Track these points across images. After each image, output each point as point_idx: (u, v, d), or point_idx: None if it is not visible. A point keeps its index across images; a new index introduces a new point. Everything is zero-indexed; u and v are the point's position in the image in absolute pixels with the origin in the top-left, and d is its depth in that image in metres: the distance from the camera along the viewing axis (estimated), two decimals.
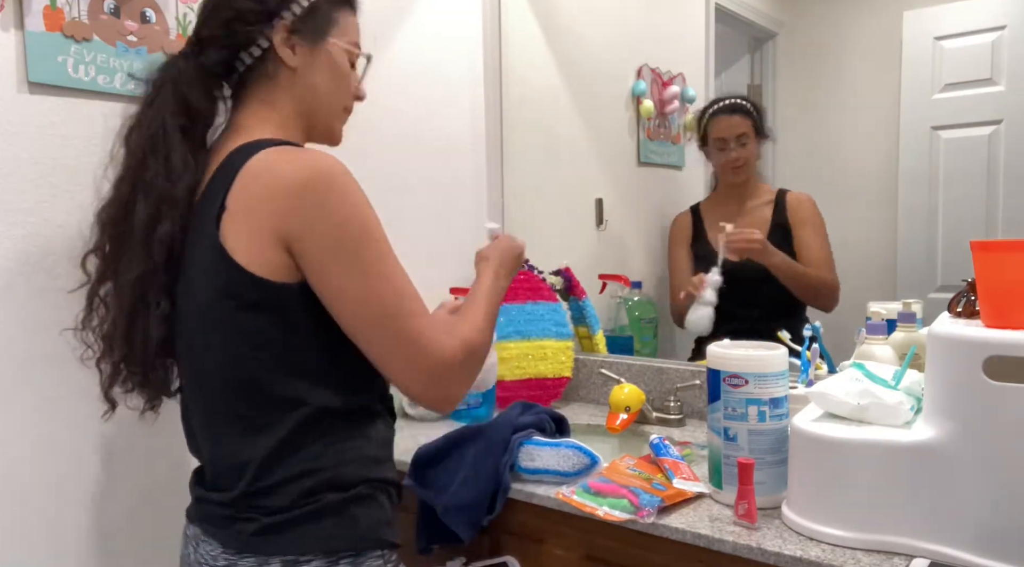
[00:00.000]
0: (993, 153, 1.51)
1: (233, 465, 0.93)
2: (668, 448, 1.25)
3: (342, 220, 0.88)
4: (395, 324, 0.90)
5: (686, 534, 1.04)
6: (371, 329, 0.90)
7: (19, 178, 1.17)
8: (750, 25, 1.90)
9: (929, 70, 1.58)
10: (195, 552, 0.98)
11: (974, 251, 0.90)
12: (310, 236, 0.87)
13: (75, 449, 1.25)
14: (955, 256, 1.54)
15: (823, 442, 0.97)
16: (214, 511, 0.95)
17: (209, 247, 0.89)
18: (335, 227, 0.87)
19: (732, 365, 1.09)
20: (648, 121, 2.06)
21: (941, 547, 0.89)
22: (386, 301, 0.90)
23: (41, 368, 1.20)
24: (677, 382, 1.63)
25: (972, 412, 0.87)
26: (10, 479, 1.17)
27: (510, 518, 1.24)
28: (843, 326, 1.56)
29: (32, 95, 1.17)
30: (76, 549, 1.25)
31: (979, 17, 1.53)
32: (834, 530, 0.96)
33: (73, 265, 1.22)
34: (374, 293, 0.89)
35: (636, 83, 2.04)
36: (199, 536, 0.97)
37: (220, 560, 0.93)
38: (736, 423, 1.08)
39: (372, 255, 0.90)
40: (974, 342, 0.86)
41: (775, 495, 1.08)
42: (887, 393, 0.99)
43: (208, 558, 0.94)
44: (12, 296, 1.17)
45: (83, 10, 1.21)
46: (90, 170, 1.24)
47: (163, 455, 1.34)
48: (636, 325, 1.91)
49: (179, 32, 1.33)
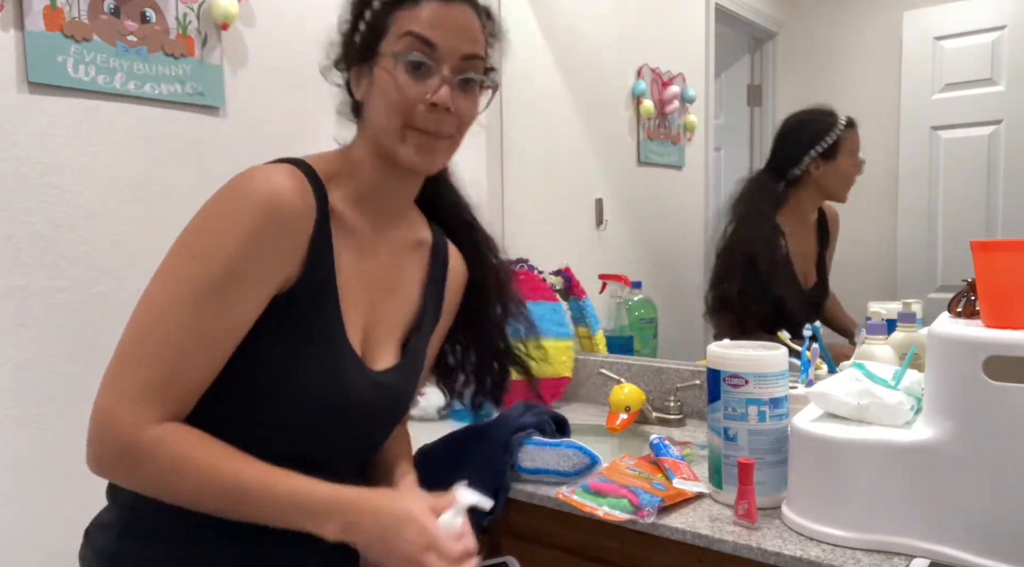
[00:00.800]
0: (993, 153, 1.51)
1: None
2: (668, 448, 1.25)
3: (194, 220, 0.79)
4: (119, 347, 0.77)
5: (686, 534, 1.04)
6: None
7: (19, 178, 1.17)
8: (750, 25, 1.90)
9: (929, 70, 1.58)
10: None
11: (974, 251, 0.90)
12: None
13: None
14: (955, 256, 1.54)
15: (823, 442, 0.97)
16: None
17: None
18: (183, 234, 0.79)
19: (732, 365, 1.09)
20: (648, 121, 2.06)
21: (941, 547, 0.89)
22: (136, 315, 0.78)
23: (40, 368, 1.20)
24: (677, 382, 1.63)
25: (972, 412, 0.87)
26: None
27: (510, 518, 1.24)
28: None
29: (32, 95, 1.17)
30: None
31: (979, 17, 1.53)
32: (834, 530, 0.96)
33: (73, 265, 1.23)
34: (140, 307, 0.78)
35: (636, 83, 2.04)
36: None
37: None
38: (736, 423, 1.08)
39: (172, 261, 0.77)
40: (974, 342, 0.86)
41: (775, 495, 1.08)
42: (887, 393, 0.99)
43: None
44: (12, 296, 1.17)
45: (83, 10, 1.21)
46: (90, 170, 1.25)
47: None
48: (636, 325, 1.90)
49: (179, 32, 1.33)
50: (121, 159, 1.28)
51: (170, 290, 0.76)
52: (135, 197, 1.30)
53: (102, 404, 0.74)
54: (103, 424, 0.74)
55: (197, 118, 1.37)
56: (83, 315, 1.24)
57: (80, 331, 1.24)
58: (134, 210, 1.29)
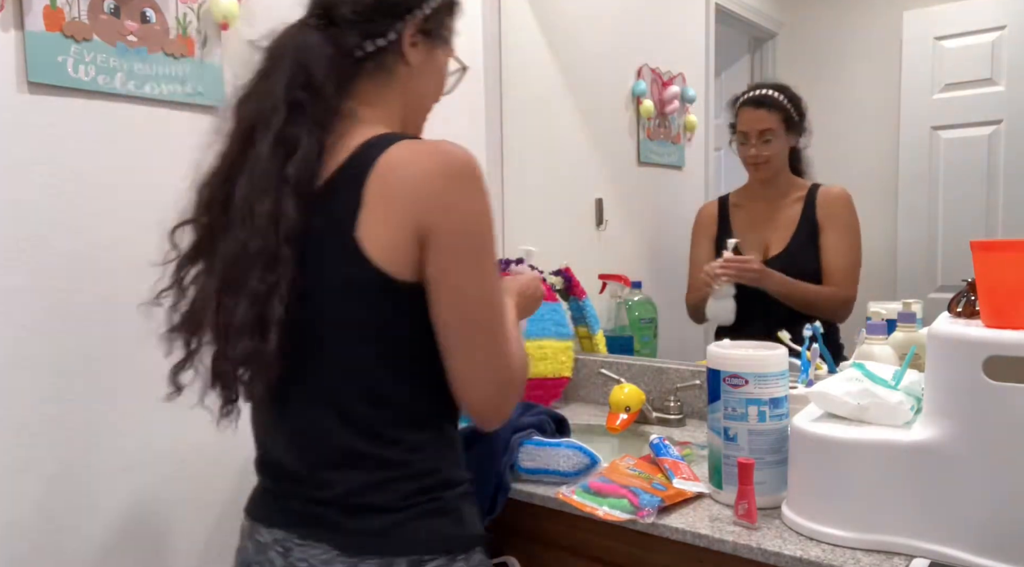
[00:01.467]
0: (993, 153, 1.51)
1: (341, 462, 0.89)
2: (668, 448, 1.25)
3: (475, 214, 0.86)
4: (492, 336, 0.88)
5: (686, 534, 1.04)
6: (471, 334, 0.87)
7: (19, 178, 1.17)
8: (750, 25, 1.90)
9: (929, 70, 1.58)
10: (283, 558, 0.90)
11: (974, 251, 0.90)
12: (444, 223, 0.84)
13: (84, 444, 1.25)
14: (955, 256, 1.54)
15: (823, 442, 0.97)
16: (314, 511, 0.89)
17: (340, 241, 0.85)
18: (467, 220, 0.86)
19: (732, 365, 1.09)
20: (648, 121, 2.06)
21: (941, 547, 0.89)
22: (494, 310, 0.89)
23: (40, 368, 1.20)
24: (677, 382, 1.63)
25: (972, 412, 0.87)
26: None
27: (510, 518, 1.24)
28: (843, 326, 1.57)
29: (32, 95, 1.17)
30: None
31: (979, 17, 1.53)
32: (834, 530, 0.96)
33: (73, 264, 1.23)
34: (486, 299, 0.87)
35: (636, 83, 2.04)
36: (288, 540, 0.90)
37: (336, 563, 0.87)
38: (736, 423, 1.08)
39: (491, 260, 0.88)
40: (974, 342, 0.86)
41: (775, 495, 1.08)
42: (887, 393, 0.99)
43: (316, 562, 0.88)
44: (12, 296, 1.17)
45: (83, 10, 1.21)
46: (90, 170, 1.24)
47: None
48: (636, 325, 1.90)
49: (179, 32, 1.33)
50: (121, 159, 1.28)
51: (498, 274, 0.91)
52: (135, 197, 1.30)
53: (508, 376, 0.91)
54: (517, 389, 0.94)
55: (197, 118, 1.37)
56: (83, 315, 1.24)
57: (80, 331, 1.24)
58: (134, 210, 1.29)
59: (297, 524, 0.90)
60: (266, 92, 0.89)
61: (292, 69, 0.89)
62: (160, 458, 1.34)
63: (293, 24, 0.95)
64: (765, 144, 1.66)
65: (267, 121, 0.87)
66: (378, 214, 0.84)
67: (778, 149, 1.67)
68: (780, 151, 1.67)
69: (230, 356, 0.88)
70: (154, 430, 1.33)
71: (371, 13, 0.93)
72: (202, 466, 1.40)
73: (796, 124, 1.66)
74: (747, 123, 1.68)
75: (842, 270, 1.59)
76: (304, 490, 0.91)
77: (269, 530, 0.92)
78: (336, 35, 0.92)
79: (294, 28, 0.94)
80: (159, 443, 1.34)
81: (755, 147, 1.67)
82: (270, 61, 0.92)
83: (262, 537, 0.93)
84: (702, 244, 1.81)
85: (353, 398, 0.88)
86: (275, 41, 0.94)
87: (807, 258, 1.62)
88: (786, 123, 1.65)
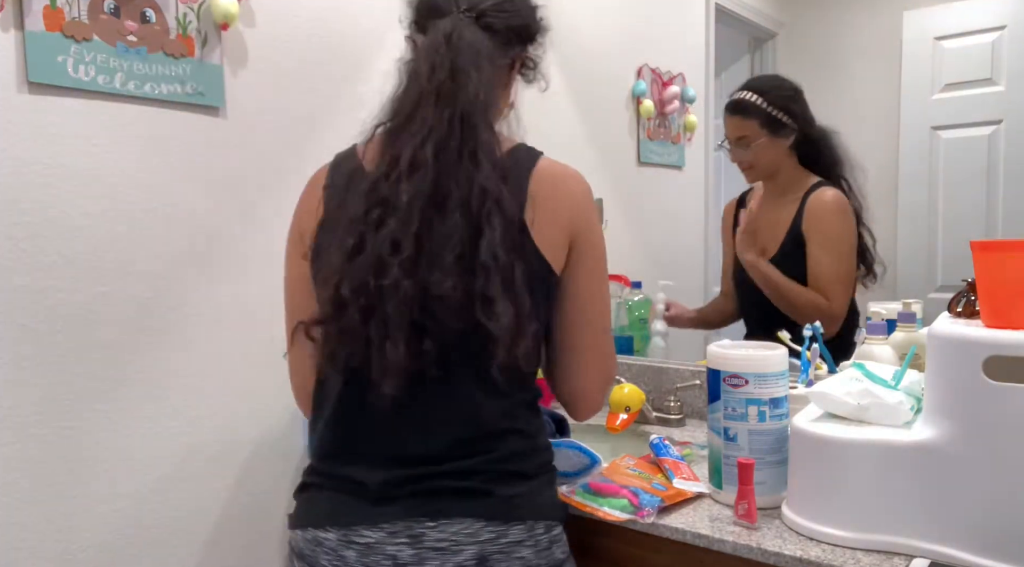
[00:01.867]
0: (993, 153, 1.51)
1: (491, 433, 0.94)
2: (668, 448, 1.25)
3: (599, 230, 1.02)
4: (605, 336, 1.04)
5: (686, 534, 1.04)
6: (591, 334, 1.01)
7: (19, 178, 1.17)
8: (750, 25, 1.90)
9: (929, 70, 1.58)
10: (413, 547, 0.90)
11: (974, 251, 0.90)
12: (588, 236, 0.99)
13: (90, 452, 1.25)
14: (955, 256, 1.54)
15: (823, 442, 0.97)
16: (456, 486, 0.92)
17: (511, 230, 0.91)
18: (598, 233, 1.02)
19: (732, 365, 1.09)
20: (648, 121, 2.06)
21: (941, 547, 0.89)
22: (608, 315, 1.04)
23: (40, 368, 1.20)
24: (677, 382, 1.63)
25: (972, 412, 0.87)
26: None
27: None
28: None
29: (32, 95, 1.17)
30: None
31: (979, 17, 1.53)
32: (834, 530, 0.96)
33: (73, 264, 1.23)
34: (605, 303, 1.03)
35: (636, 83, 2.04)
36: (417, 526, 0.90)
37: (483, 533, 0.90)
38: (736, 423, 1.08)
39: (604, 268, 1.04)
40: (974, 342, 0.86)
41: (775, 495, 1.08)
42: (887, 393, 0.99)
43: (460, 537, 0.90)
44: (12, 296, 1.17)
45: (83, 10, 1.21)
46: (90, 170, 1.24)
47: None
48: (636, 325, 1.91)
49: (179, 32, 1.33)
50: (121, 159, 1.28)
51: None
52: (135, 197, 1.30)
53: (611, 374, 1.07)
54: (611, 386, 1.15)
55: (197, 118, 1.37)
56: (83, 315, 1.24)
57: (80, 331, 1.24)
58: (134, 210, 1.29)
59: (426, 508, 0.91)
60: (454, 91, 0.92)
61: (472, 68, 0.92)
62: (160, 458, 1.34)
63: (454, 16, 0.96)
64: (744, 150, 1.61)
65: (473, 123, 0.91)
66: (540, 213, 0.94)
67: (760, 154, 1.59)
68: (763, 155, 1.60)
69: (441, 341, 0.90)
70: (154, 430, 1.33)
71: (513, 33, 1.00)
72: (202, 466, 1.40)
73: (781, 125, 1.57)
74: (726, 129, 1.65)
75: (824, 282, 1.51)
76: (442, 469, 0.92)
77: (376, 528, 0.91)
78: (493, 40, 0.97)
79: (460, 23, 0.95)
80: (159, 443, 1.34)
81: (733, 153, 1.64)
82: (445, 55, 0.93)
83: (367, 538, 0.91)
84: (727, 242, 1.78)
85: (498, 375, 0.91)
86: (438, 34, 0.94)
87: (792, 265, 1.55)
88: (768, 127, 1.57)
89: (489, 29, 0.97)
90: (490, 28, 0.97)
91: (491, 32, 0.97)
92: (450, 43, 0.93)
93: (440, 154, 0.90)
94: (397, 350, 0.87)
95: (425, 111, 0.91)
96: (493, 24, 0.97)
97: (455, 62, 0.92)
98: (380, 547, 0.91)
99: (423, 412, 0.94)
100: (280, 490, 1.52)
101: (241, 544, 1.47)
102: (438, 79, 0.91)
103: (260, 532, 1.50)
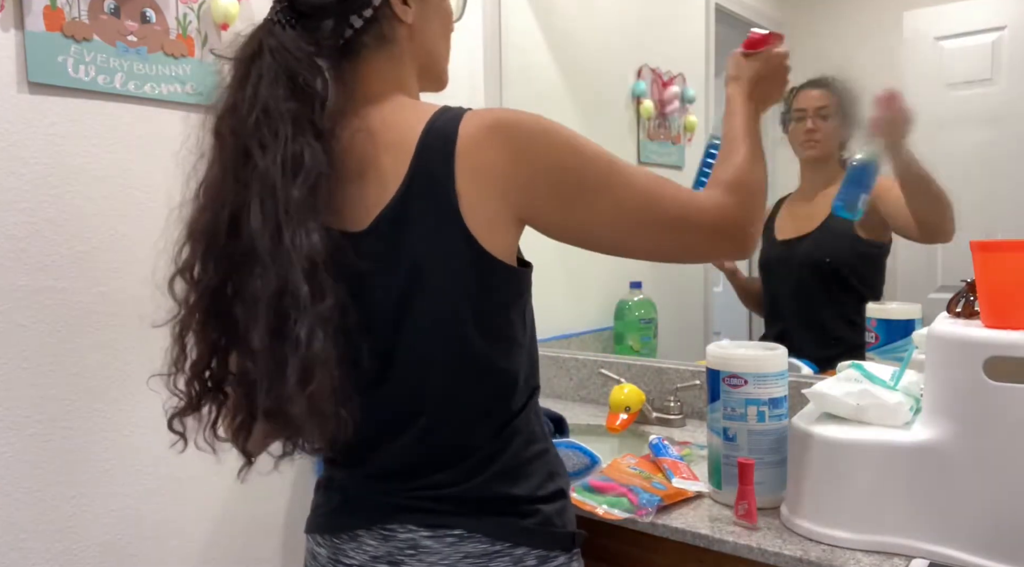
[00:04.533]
0: (993, 153, 1.51)
1: (461, 451, 0.86)
2: (668, 448, 1.25)
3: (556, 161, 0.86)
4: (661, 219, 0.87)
5: (686, 534, 1.04)
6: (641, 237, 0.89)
7: (19, 178, 1.17)
8: (750, 25, 1.90)
9: (929, 70, 1.58)
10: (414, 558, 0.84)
11: (974, 251, 0.90)
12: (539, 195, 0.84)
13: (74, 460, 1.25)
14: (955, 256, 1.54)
15: (823, 442, 0.97)
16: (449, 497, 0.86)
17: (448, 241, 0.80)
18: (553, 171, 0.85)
19: (731, 365, 1.09)
20: (648, 121, 2.06)
21: (941, 547, 0.89)
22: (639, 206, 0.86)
23: (40, 367, 1.20)
24: (677, 382, 1.63)
25: (972, 412, 0.87)
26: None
27: None
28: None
29: (32, 95, 1.17)
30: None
31: (979, 17, 1.53)
32: (834, 530, 0.96)
33: (73, 264, 1.23)
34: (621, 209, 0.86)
35: (636, 83, 2.04)
36: (414, 542, 0.85)
37: (496, 545, 0.83)
38: (736, 423, 1.08)
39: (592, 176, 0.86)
40: (974, 342, 0.86)
41: (775, 495, 1.08)
42: (886, 393, 0.99)
43: (473, 552, 0.83)
44: (12, 296, 1.17)
45: (83, 10, 1.21)
46: (90, 170, 1.25)
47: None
48: (636, 325, 1.91)
49: (179, 32, 1.33)
50: (121, 159, 1.28)
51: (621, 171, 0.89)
52: (135, 197, 1.30)
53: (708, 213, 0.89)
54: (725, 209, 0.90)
55: (197, 118, 1.37)
56: (83, 315, 1.24)
57: (80, 331, 1.24)
58: (134, 210, 1.29)
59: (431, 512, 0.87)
60: (251, 103, 0.80)
61: (273, 73, 0.79)
62: (161, 459, 1.34)
63: (259, 27, 0.84)
64: (821, 120, 1.67)
65: (262, 138, 0.78)
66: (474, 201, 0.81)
67: (832, 129, 1.66)
68: (832, 130, 1.66)
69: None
70: (155, 430, 1.33)
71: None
72: (202, 466, 1.40)
73: (849, 114, 1.66)
74: (805, 100, 1.68)
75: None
76: (430, 480, 0.88)
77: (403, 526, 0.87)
78: (310, 27, 0.83)
79: (261, 31, 0.83)
80: (160, 444, 1.34)
81: (811, 120, 1.67)
82: (242, 68, 0.82)
83: (402, 532, 0.87)
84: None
85: (472, 385, 0.86)
86: (243, 48, 0.82)
87: (839, 237, 1.61)
88: (841, 109, 1.66)
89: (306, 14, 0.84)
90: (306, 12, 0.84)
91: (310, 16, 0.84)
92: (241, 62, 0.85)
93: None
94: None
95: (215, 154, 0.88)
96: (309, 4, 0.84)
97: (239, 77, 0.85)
98: (398, 549, 0.87)
99: (416, 421, 0.89)
100: (281, 490, 1.52)
101: (241, 544, 1.47)
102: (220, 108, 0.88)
103: (260, 532, 1.50)
